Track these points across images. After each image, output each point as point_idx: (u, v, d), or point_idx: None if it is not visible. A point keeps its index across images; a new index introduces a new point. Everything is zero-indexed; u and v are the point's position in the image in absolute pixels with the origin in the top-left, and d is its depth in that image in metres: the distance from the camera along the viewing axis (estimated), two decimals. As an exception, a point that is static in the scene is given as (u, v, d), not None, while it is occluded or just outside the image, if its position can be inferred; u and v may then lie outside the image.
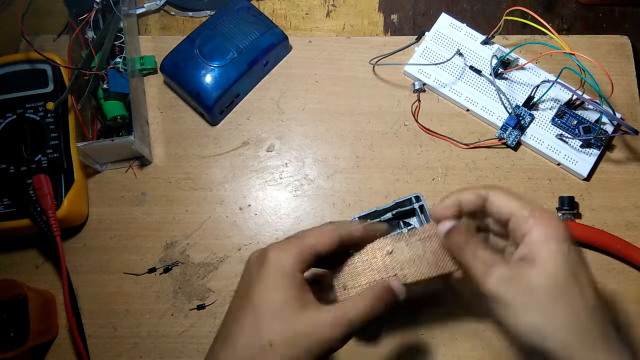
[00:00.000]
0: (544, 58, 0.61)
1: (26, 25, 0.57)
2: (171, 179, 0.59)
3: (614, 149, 0.59)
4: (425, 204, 0.53)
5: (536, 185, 0.57)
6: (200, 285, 0.55)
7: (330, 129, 0.60)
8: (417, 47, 0.62)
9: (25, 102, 0.56)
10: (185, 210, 0.57)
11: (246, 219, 0.57)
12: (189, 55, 0.58)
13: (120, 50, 0.59)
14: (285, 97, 0.61)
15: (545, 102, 0.59)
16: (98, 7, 0.59)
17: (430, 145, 0.59)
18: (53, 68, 0.58)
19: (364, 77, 0.62)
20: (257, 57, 0.59)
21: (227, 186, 0.58)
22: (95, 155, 0.57)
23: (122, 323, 0.54)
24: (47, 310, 0.53)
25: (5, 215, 0.53)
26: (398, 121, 0.60)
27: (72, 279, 0.54)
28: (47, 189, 0.53)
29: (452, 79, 0.60)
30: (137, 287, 0.55)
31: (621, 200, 0.57)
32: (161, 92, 0.62)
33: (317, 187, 0.58)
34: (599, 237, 0.54)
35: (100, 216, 0.57)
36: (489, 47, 0.61)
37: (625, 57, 0.61)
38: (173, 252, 0.56)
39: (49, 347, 0.53)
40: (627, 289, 0.54)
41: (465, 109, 0.60)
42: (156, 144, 0.60)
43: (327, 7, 0.66)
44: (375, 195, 0.57)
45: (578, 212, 0.56)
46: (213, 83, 0.57)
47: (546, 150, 0.57)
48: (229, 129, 0.60)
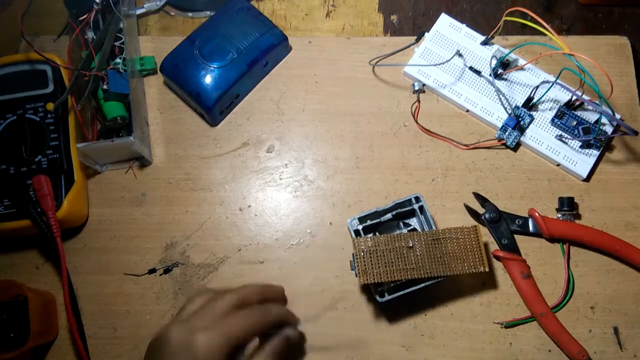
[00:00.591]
0: (543, 59, 0.61)
1: (26, 25, 0.57)
2: (171, 180, 0.59)
3: (614, 150, 0.59)
4: (425, 205, 0.53)
5: (536, 185, 0.58)
6: (200, 286, 0.55)
7: (330, 130, 0.60)
8: (417, 48, 0.62)
9: (25, 102, 0.56)
10: (185, 211, 0.57)
11: (246, 219, 0.57)
12: (188, 55, 0.58)
13: (120, 50, 0.59)
14: (285, 97, 0.61)
15: (544, 102, 0.59)
16: (98, 7, 0.59)
17: (430, 146, 0.59)
18: (53, 69, 0.58)
19: (364, 78, 0.62)
20: (257, 58, 0.59)
21: (227, 187, 0.58)
22: (95, 156, 0.57)
23: (122, 324, 0.54)
24: (48, 311, 0.53)
25: (5, 216, 0.53)
26: (398, 122, 0.60)
27: (73, 279, 0.54)
28: (47, 190, 0.53)
29: (451, 79, 0.60)
30: (138, 287, 0.55)
31: (621, 201, 0.57)
32: (161, 92, 0.62)
33: (317, 188, 0.58)
34: (598, 237, 0.54)
35: (100, 217, 0.57)
36: (489, 47, 0.61)
37: (625, 57, 0.61)
38: (173, 252, 0.56)
39: (49, 348, 0.53)
40: (627, 289, 0.54)
41: (464, 109, 0.60)
42: (156, 145, 0.60)
43: (327, 8, 0.66)
44: (375, 196, 0.57)
45: (578, 213, 0.56)
46: (213, 84, 0.57)
47: (546, 151, 0.57)
48: (228, 130, 0.60)
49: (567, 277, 0.54)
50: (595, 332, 0.53)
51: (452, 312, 0.54)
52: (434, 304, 0.54)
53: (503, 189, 0.57)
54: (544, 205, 0.57)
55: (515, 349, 0.52)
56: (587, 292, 0.54)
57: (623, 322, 0.53)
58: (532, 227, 0.55)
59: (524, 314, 0.53)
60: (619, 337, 0.53)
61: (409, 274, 0.48)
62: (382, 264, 0.48)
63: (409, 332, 0.53)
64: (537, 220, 0.55)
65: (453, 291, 0.54)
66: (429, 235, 0.49)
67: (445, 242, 0.49)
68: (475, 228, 0.50)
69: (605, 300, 0.54)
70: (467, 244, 0.49)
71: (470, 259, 0.49)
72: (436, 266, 0.48)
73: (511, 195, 0.57)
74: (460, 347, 0.53)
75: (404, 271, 0.48)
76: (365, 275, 0.48)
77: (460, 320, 0.53)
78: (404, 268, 0.48)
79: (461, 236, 0.49)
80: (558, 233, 0.54)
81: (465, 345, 0.53)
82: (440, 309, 0.54)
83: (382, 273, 0.48)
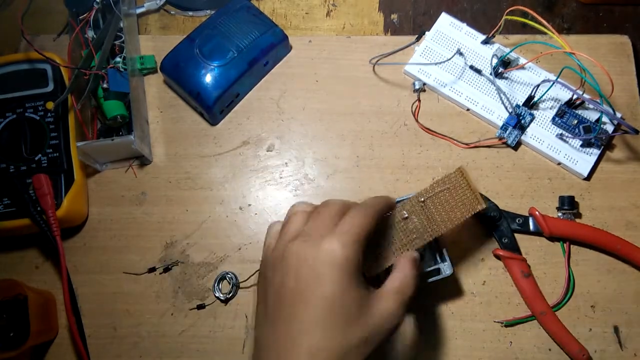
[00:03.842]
0: (544, 57, 0.61)
1: (26, 25, 0.57)
2: (171, 179, 0.59)
3: (614, 149, 0.59)
4: (425, 204, 0.53)
5: (536, 184, 0.57)
6: (200, 285, 0.55)
7: (330, 129, 0.60)
8: (417, 47, 0.62)
9: (25, 101, 0.56)
10: (185, 209, 0.57)
11: (246, 218, 0.57)
12: (189, 54, 0.58)
13: (120, 49, 0.59)
14: (285, 96, 0.61)
15: (545, 101, 0.59)
16: (98, 6, 0.59)
17: (430, 145, 0.59)
18: (53, 68, 0.57)
19: (364, 77, 0.62)
20: (257, 57, 0.59)
21: (227, 186, 0.58)
22: (95, 154, 0.57)
23: (122, 323, 0.54)
24: (47, 310, 0.53)
25: (5, 215, 0.53)
26: (398, 121, 0.60)
27: (72, 278, 0.54)
28: (47, 189, 0.53)
29: (452, 78, 0.60)
30: (137, 286, 0.55)
31: (621, 200, 0.57)
32: (161, 91, 0.62)
33: (317, 187, 0.58)
34: (599, 237, 0.54)
35: (100, 216, 0.57)
36: (489, 46, 0.61)
37: (626, 56, 0.61)
38: (173, 251, 0.56)
39: (48, 347, 0.53)
40: (628, 288, 0.54)
41: (465, 108, 0.60)
42: (156, 144, 0.60)
43: (327, 7, 0.66)
44: (375, 194, 0.57)
45: (578, 212, 0.56)
46: (213, 83, 0.57)
47: (546, 149, 0.57)
48: (229, 129, 0.60)
49: (567, 276, 0.54)
50: (595, 331, 0.53)
51: (452, 311, 0.53)
52: (434, 303, 0.54)
53: (503, 187, 0.57)
54: (544, 204, 0.57)
55: (515, 348, 0.52)
56: (587, 291, 0.54)
57: (623, 321, 0.53)
58: (533, 226, 0.55)
59: (524, 313, 0.53)
60: (619, 336, 0.53)
61: (415, 244, 0.46)
62: (386, 244, 0.46)
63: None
64: (537, 219, 0.55)
65: (453, 289, 0.54)
66: (418, 197, 0.47)
67: (437, 197, 0.47)
68: (460, 169, 0.47)
69: (605, 300, 0.54)
70: (457, 189, 0.47)
71: (466, 203, 0.46)
72: (437, 224, 0.46)
73: (512, 194, 0.57)
74: (460, 346, 0.53)
75: (409, 244, 0.46)
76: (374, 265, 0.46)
77: (460, 319, 0.53)
78: (408, 241, 0.46)
79: (449, 184, 0.47)
80: (558, 232, 0.54)
81: (466, 344, 0.53)
82: (440, 307, 0.54)
83: (389, 254, 0.46)
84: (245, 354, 0.53)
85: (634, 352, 0.52)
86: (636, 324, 0.53)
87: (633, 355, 0.52)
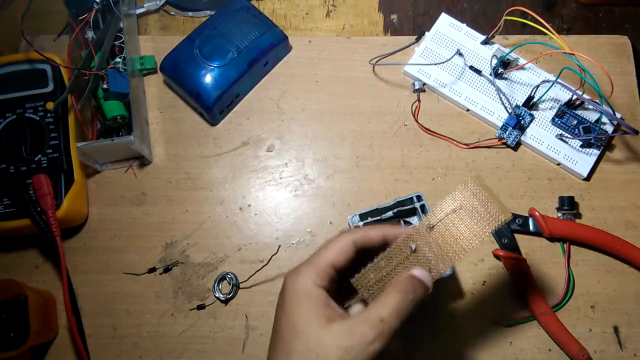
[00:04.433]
0: (544, 58, 0.61)
1: (26, 25, 0.57)
2: (171, 179, 0.59)
3: (614, 149, 0.59)
4: (426, 204, 0.53)
5: (536, 185, 0.58)
6: (200, 285, 0.55)
7: (330, 129, 0.60)
8: (417, 47, 0.62)
9: (25, 102, 0.56)
10: (185, 210, 0.57)
11: (246, 219, 0.57)
12: (188, 55, 0.58)
13: (120, 50, 0.59)
14: (285, 97, 0.61)
15: (545, 102, 0.59)
16: (98, 7, 0.59)
17: (430, 145, 0.59)
18: (53, 68, 0.58)
19: (364, 77, 0.62)
20: (257, 57, 0.59)
21: (227, 186, 0.58)
22: (95, 155, 0.57)
23: (122, 323, 0.54)
24: (47, 311, 0.53)
25: (5, 215, 0.53)
26: (398, 121, 0.60)
27: (72, 279, 0.54)
28: (47, 189, 0.53)
29: (452, 78, 0.60)
30: (137, 287, 0.55)
31: (621, 200, 0.57)
32: (161, 92, 0.62)
33: (317, 187, 0.58)
34: (598, 237, 0.54)
35: (100, 216, 0.57)
36: (489, 47, 0.61)
37: (625, 57, 0.61)
38: (173, 252, 0.56)
39: (48, 347, 0.53)
40: (628, 289, 0.54)
41: (465, 109, 0.60)
42: (156, 144, 0.60)
43: (327, 7, 0.66)
44: (375, 195, 0.57)
45: (578, 212, 0.56)
46: (213, 83, 0.57)
47: (546, 150, 0.57)
48: (229, 129, 0.60)
49: (567, 277, 0.54)
50: (595, 331, 0.53)
51: (452, 311, 0.53)
52: (434, 303, 0.54)
53: (503, 188, 0.57)
54: (544, 204, 0.57)
55: (515, 348, 0.52)
56: (587, 292, 0.54)
57: (623, 322, 0.53)
58: (533, 226, 0.55)
59: (524, 313, 0.53)
60: (619, 337, 0.53)
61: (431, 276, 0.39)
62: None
63: (409, 332, 0.53)
64: (537, 220, 0.55)
65: (453, 290, 0.54)
66: (426, 223, 0.39)
67: (450, 219, 0.39)
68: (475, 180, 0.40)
69: (605, 300, 0.54)
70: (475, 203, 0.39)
71: (485, 216, 0.39)
72: (454, 248, 0.39)
73: (512, 194, 0.57)
74: (460, 346, 0.53)
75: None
76: None
77: (460, 319, 0.53)
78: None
79: (463, 198, 0.39)
80: (558, 232, 0.54)
81: (466, 344, 0.53)
82: (440, 307, 0.54)
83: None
84: (245, 354, 0.53)
85: (634, 352, 0.52)
86: (636, 324, 0.53)
87: (633, 355, 0.52)
